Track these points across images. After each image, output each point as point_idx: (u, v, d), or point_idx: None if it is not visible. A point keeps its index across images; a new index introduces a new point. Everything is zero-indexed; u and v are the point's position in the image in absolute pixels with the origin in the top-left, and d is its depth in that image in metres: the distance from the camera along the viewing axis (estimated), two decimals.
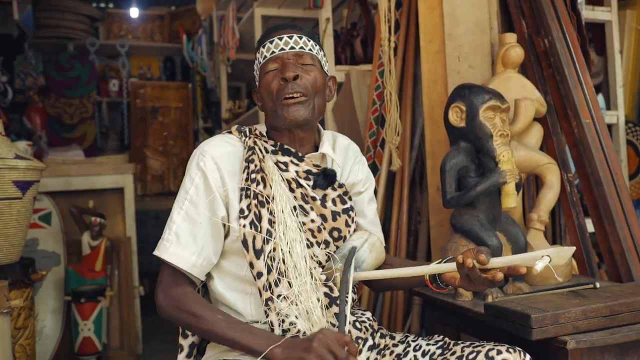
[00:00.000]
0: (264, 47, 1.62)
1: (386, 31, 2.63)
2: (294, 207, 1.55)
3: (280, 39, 1.60)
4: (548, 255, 1.34)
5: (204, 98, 6.36)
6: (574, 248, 1.43)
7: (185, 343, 1.60)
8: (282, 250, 1.49)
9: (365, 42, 3.37)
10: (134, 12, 6.61)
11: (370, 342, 1.62)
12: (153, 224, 5.46)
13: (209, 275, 1.60)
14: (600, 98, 3.09)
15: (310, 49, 1.62)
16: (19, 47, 5.77)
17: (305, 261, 1.50)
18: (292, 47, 1.60)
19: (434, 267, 1.49)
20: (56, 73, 5.82)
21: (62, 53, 5.92)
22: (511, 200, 1.86)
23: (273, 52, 1.60)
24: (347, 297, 1.49)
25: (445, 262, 1.52)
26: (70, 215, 3.61)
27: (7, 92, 4.95)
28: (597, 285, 1.74)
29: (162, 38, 6.67)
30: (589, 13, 3.01)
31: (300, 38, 1.61)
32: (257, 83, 1.67)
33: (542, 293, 1.77)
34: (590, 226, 2.21)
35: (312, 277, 1.49)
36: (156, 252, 1.54)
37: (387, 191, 2.73)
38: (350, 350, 1.34)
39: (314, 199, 1.59)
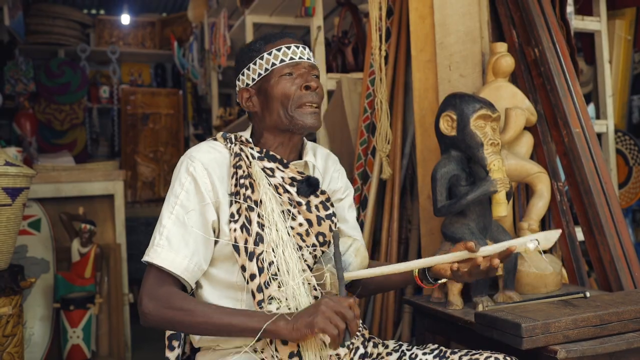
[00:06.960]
0: (278, 50, 1.61)
1: (377, 39, 2.64)
2: (282, 211, 1.56)
3: (297, 47, 1.63)
4: (537, 239, 1.42)
5: (195, 105, 6.37)
6: (559, 231, 1.47)
7: (172, 355, 1.56)
8: (273, 251, 1.49)
9: (357, 50, 3.38)
10: (125, 19, 6.61)
11: (361, 351, 1.61)
12: (143, 230, 5.44)
13: (197, 284, 1.59)
14: (590, 107, 3.11)
15: (315, 62, 1.68)
16: (10, 52, 5.77)
17: (296, 263, 1.51)
18: (308, 58, 1.64)
19: (423, 261, 1.50)
20: (47, 79, 5.80)
21: (53, 59, 5.91)
22: (502, 208, 1.86)
23: (292, 58, 1.61)
24: (342, 264, 1.50)
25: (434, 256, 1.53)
26: (60, 222, 3.60)
27: None
28: (587, 294, 1.74)
29: (153, 45, 6.67)
30: (578, 23, 3.03)
31: (308, 51, 1.66)
32: (253, 83, 1.65)
33: (532, 302, 1.77)
34: (580, 235, 2.22)
35: (302, 279, 1.50)
36: (146, 258, 1.49)
37: (378, 199, 2.73)
38: (355, 311, 1.35)
39: (299, 203, 1.61)
